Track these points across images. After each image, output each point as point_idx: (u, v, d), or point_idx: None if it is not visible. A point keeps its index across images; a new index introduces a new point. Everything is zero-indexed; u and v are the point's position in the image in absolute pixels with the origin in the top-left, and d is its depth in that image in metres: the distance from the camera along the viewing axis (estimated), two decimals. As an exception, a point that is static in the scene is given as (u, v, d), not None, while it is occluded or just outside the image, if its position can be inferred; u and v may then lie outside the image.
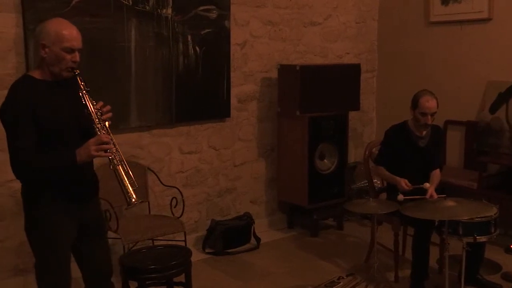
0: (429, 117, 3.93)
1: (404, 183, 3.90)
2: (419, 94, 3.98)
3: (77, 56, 2.67)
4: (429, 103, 3.91)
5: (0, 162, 3.86)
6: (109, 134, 2.65)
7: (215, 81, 4.85)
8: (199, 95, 4.74)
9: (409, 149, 4.05)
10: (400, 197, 3.77)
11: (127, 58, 4.33)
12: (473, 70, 5.19)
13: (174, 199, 4.39)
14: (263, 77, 5.22)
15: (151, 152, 4.59)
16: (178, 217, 4.30)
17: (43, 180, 2.66)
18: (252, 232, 4.95)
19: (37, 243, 2.77)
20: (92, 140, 2.59)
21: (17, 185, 3.79)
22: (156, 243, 4.26)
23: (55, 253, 2.75)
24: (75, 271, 2.92)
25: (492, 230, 3.52)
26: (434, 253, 4.02)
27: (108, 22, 4.19)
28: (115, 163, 2.63)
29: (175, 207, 4.36)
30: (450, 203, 3.37)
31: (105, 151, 2.59)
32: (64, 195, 2.71)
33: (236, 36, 4.95)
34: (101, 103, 2.72)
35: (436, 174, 4.08)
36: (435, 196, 3.76)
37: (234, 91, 5.01)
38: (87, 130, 2.69)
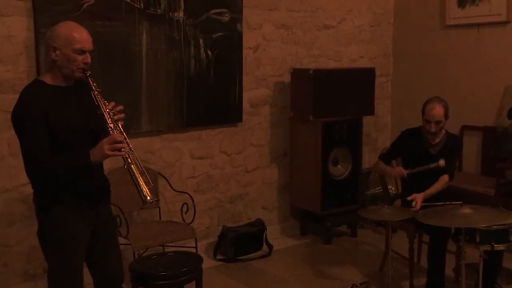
0: (433, 125, 3.88)
1: (398, 170, 3.91)
2: (427, 101, 3.96)
3: (88, 58, 2.68)
4: (433, 111, 3.86)
5: (11, 167, 3.89)
6: (123, 134, 2.65)
7: (227, 85, 4.82)
8: (210, 100, 4.72)
9: (419, 154, 4.00)
10: (415, 203, 3.71)
11: (138, 62, 4.31)
12: (490, 74, 5.12)
13: (185, 204, 4.36)
14: (276, 81, 5.19)
15: (162, 157, 4.57)
16: (189, 223, 4.28)
17: (56, 183, 2.65)
18: (264, 239, 4.91)
19: (50, 249, 2.76)
20: (105, 140, 2.58)
21: (28, 189, 3.83)
22: (167, 249, 4.25)
23: (68, 260, 2.74)
24: (86, 277, 2.90)
25: (510, 238, 3.44)
26: (450, 262, 3.97)
27: (119, 26, 4.18)
28: (129, 162, 2.62)
29: (186, 213, 4.33)
30: (466, 210, 3.30)
31: (119, 150, 2.58)
32: (76, 199, 2.71)
33: (249, 39, 4.93)
34: (113, 103, 2.72)
35: (440, 180, 3.93)
36: (418, 203, 3.70)
37: (246, 95, 4.98)
38: (98, 135, 2.69)
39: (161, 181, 4.46)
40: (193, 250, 4.06)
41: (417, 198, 3.73)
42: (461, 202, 3.49)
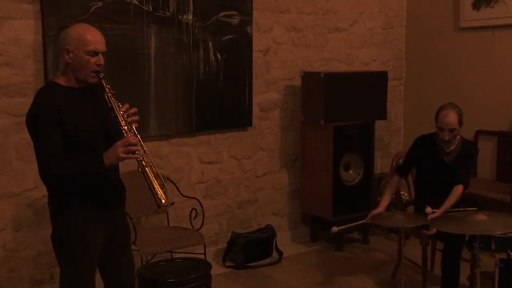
0: (446, 132, 3.81)
1: (374, 212, 3.86)
2: (440, 107, 3.88)
3: (101, 59, 2.67)
4: (446, 118, 3.79)
5: (18, 172, 3.89)
6: (137, 136, 2.63)
7: (237, 89, 4.79)
8: (220, 103, 4.69)
9: (433, 163, 3.93)
10: (428, 210, 3.66)
11: (147, 65, 4.29)
12: (506, 78, 5.05)
13: (194, 210, 4.34)
14: (286, 85, 5.15)
15: (170, 162, 4.54)
16: (198, 229, 4.25)
17: (70, 187, 2.63)
18: (274, 245, 4.86)
19: (63, 254, 2.74)
20: (119, 142, 2.56)
21: (36, 194, 3.90)
22: (175, 255, 4.23)
23: (81, 265, 2.73)
24: (98, 283, 2.88)
25: (528, 246, 3.37)
26: (464, 270, 3.89)
27: (127, 29, 4.17)
28: (144, 165, 2.60)
29: (194, 218, 4.31)
30: (481, 216, 3.21)
31: (133, 153, 2.56)
32: (91, 203, 2.69)
33: (259, 42, 4.90)
34: (126, 106, 2.71)
35: (454, 192, 3.81)
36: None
37: (256, 99, 4.95)
38: (112, 137, 2.67)
39: (170, 186, 4.39)
40: (202, 256, 4.04)
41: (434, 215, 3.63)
42: (476, 208, 3.45)
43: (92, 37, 2.64)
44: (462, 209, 3.62)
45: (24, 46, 3.83)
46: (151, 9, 4.24)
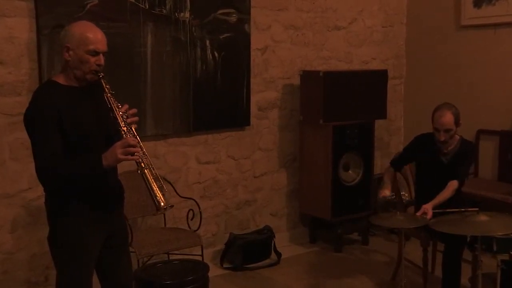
0: (442, 133, 3.77)
1: (384, 192, 3.89)
2: (436, 107, 3.86)
3: (101, 59, 2.64)
4: (441, 119, 3.76)
5: (13, 172, 3.86)
6: (136, 138, 2.60)
7: (235, 88, 4.76)
8: (217, 103, 4.66)
9: (431, 163, 3.91)
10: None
11: (143, 64, 4.26)
12: (507, 76, 5.04)
13: (191, 211, 4.32)
14: (285, 83, 5.12)
15: (167, 162, 4.51)
16: (195, 230, 4.24)
17: (69, 188, 2.60)
18: (272, 247, 4.83)
19: (60, 256, 2.72)
20: (118, 143, 2.54)
21: (31, 195, 3.88)
22: (172, 257, 4.21)
23: (79, 267, 2.71)
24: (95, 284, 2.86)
25: (530, 247, 3.36)
26: (466, 271, 3.87)
27: (123, 27, 4.13)
28: (143, 166, 2.57)
29: (192, 219, 4.29)
30: (483, 217, 3.21)
31: (132, 154, 2.53)
32: (89, 204, 2.67)
33: (257, 41, 4.87)
34: (126, 106, 2.69)
35: (449, 186, 3.77)
36: (429, 214, 3.56)
37: (254, 98, 4.92)
38: (112, 137, 2.65)
39: (167, 186, 4.32)
40: (199, 258, 4.04)
41: (427, 210, 3.60)
42: (477, 209, 3.41)
43: (93, 36, 2.60)
44: (463, 209, 3.57)
45: (18, 45, 3.79)
46: (147, 7, 4.20)
